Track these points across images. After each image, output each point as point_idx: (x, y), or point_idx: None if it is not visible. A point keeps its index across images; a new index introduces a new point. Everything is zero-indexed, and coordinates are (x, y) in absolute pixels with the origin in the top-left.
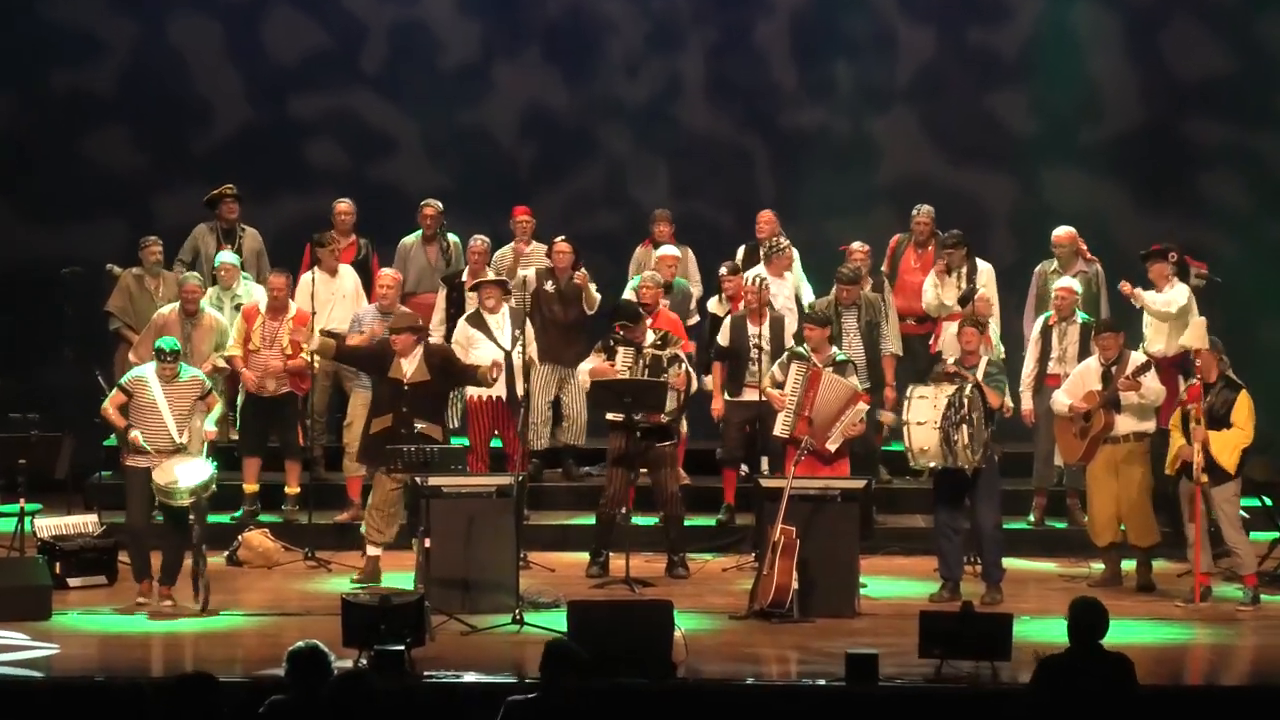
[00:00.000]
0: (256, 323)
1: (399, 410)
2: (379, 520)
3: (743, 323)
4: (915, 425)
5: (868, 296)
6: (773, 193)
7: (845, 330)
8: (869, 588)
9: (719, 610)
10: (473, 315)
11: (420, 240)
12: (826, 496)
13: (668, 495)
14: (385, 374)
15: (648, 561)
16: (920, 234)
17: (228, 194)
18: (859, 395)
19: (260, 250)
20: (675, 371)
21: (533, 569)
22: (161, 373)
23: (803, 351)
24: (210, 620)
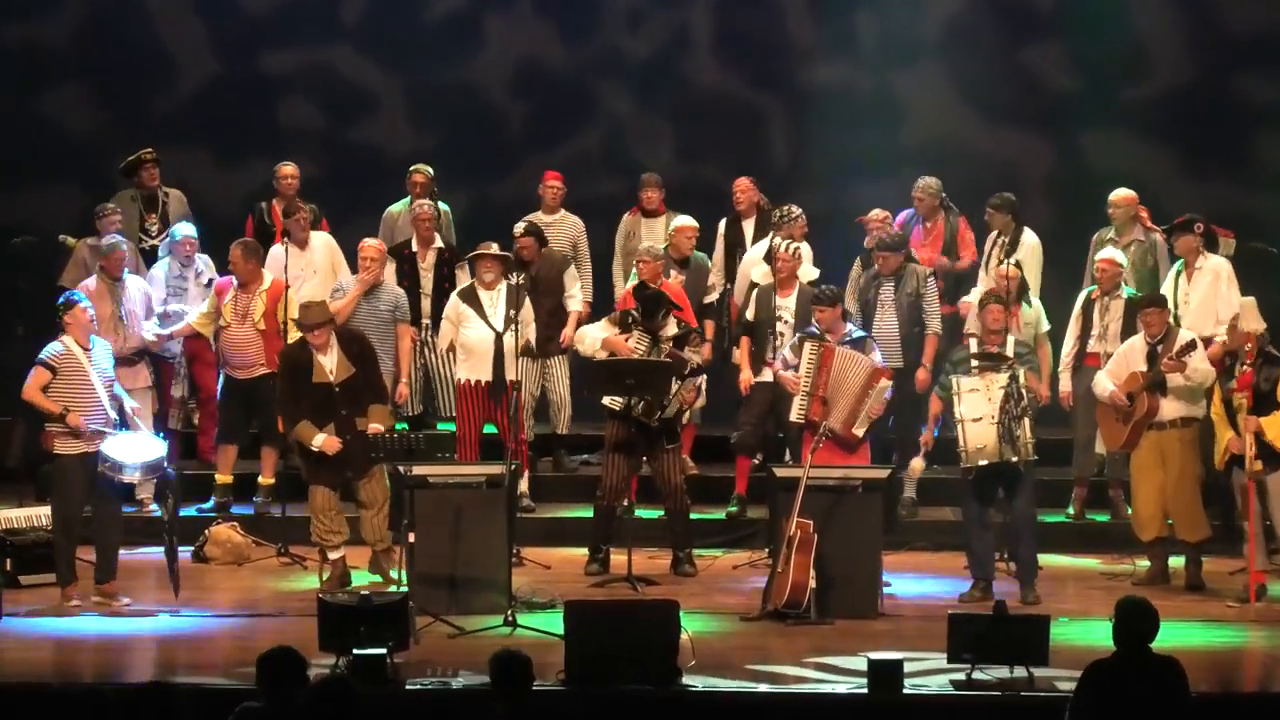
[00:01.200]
0: (228, 296)
1: (337, 416)
2: (328, 522)
3: (770, 293)
4: (970, 422)
5: (914, 268)
6: (788, 156)
7: (881, 303)
8: (893, 586)
9: (729, 611)
10: (467, 289)
11: (409, 209)
12: (846, 487)
13: (671, 486)
14: (306, 383)
15: (651, 558)
16: (923, 209)
17: (146, 159)
18: (880, 372)
19: (186, 214)
20: (690, 385)
21: (526, 566)
22: (83, 327)
23: (815, 330)
24: (174, 621)
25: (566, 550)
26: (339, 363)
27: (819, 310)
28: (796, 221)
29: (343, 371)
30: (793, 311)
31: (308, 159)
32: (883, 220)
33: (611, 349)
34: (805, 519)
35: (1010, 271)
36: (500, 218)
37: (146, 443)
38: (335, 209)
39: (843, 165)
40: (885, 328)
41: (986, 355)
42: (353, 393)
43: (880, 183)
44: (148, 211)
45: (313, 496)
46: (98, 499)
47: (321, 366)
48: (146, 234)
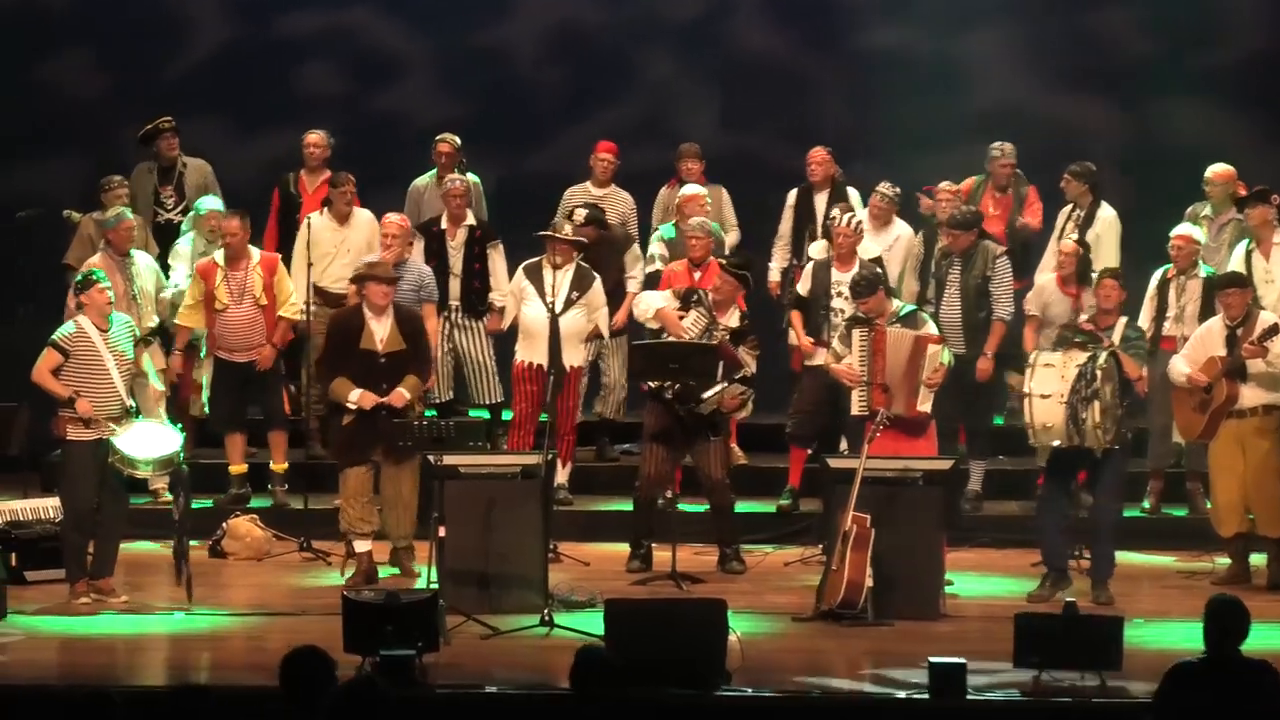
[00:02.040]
0: (218, 278)
1: (378, 388)
2: (359, 509)
3: (827, 269)
4: (1038, 398)
5: (986, 247)
6: (840, 125)
7: (948, 282)
8: (955, 585)
9: (780, 611)
10: (533, 265)
11: (435, 181)
12: (906, 479)
13: (713, 480)
14: (353, 348)
15: (697, 554)
16: (1001, 176)
17: (165, 127)
18: (924, 339)
19: (208, 184)
20: (736, 389)
21: (564, 562)
22: (99, 308)
23: (862, 315)
24: (189, 620)
25: (606, 546)
26: (390, 334)
27: (861, 303)
28: None
29: (392, 343)
30: (848, 286)
31: (328, 128)
32: (954, 194)
33: (663, 322)
34: (862, 513)
35: (1071, 248)
36: (533, 191)
37: (161, 435)
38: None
39: (899, 135)
40: (948, 311)
41: (1080, 332)
42: (398, 367)
43: (939, 154)
44: (163, 183)
45: (345, 480)
46: (107, 490)
47: (372, 334)
48: (161, 207)
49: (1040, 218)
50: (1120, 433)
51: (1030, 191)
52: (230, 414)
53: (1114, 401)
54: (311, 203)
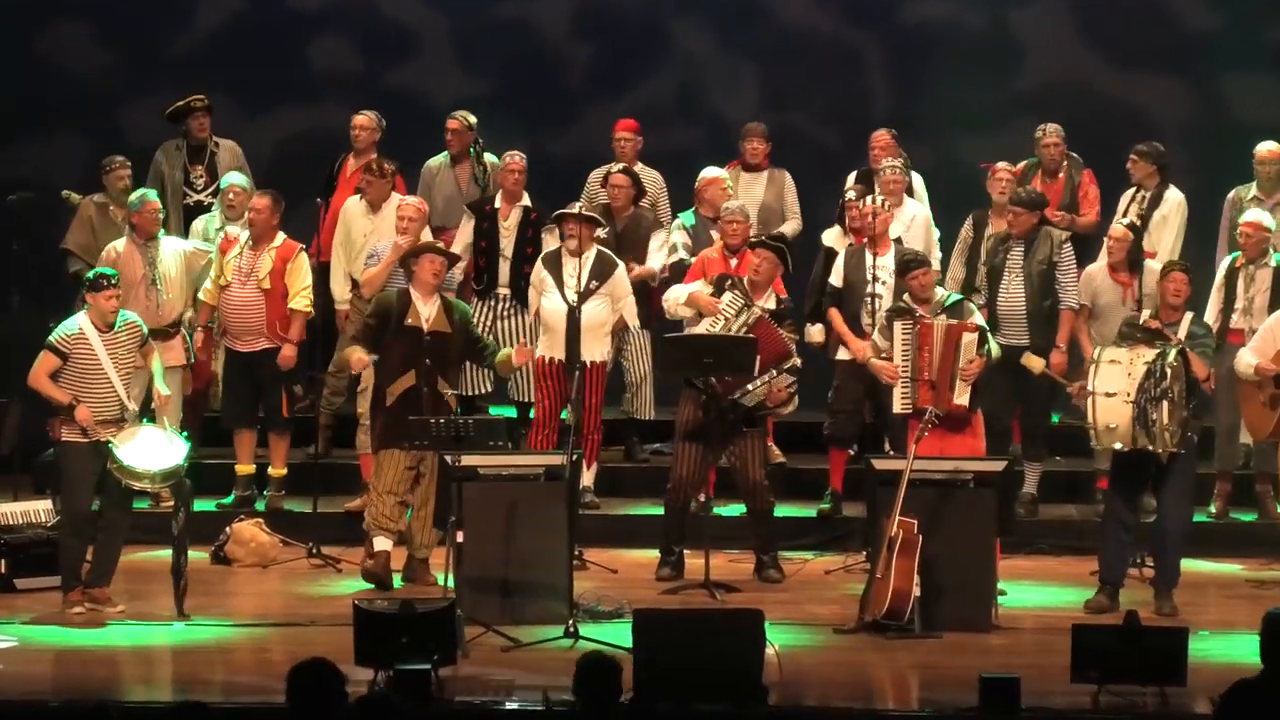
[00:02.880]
0: (232, 252)
1: (420, 365)
2: (389, 507)
3: (860, 255)
4: (1102, 397)
5: (1050, 232)
6: (888, 103)
7: (1009, 269)
8: (1008, 595)
9: (821, 622)
10: (552, 255)
11: (448, 162)
12: (956, 481)
13: (752, 481)
14: (398, 325)
15: (732, 561)
16: (1050, 159)
17: (196, 106)
18: (959, 326)
19: (240, 168)
20: (783, 382)
21: (590, 569)
22: (103, 314)
23: (903, 304)
24: (190, 631)
25: (635, 552)
26: (436, 314)
27: (913, 276)
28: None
29: (438, 324)
30: (891, 271)
31: (342, 106)
32: (1013, 175)
33: (696, 304)
34: (909, 518)
35: (1121, 232)
36: (560, 174)
37: (164, 445)
38: None
39: (950, 114)
40: (1010, 299)
41: (1145, 329)
42: (442, 347)
43: (991, 134)
44: (193, 163)
45: (381, 472)
46: (106, 495)
47: (418, 311)
48: (191, 188)
49: (1097, 210)
50: (1186, 436)
51: (1085, 178)
52: (242, 409)
53: (1181, 402)
54: (345, 188)
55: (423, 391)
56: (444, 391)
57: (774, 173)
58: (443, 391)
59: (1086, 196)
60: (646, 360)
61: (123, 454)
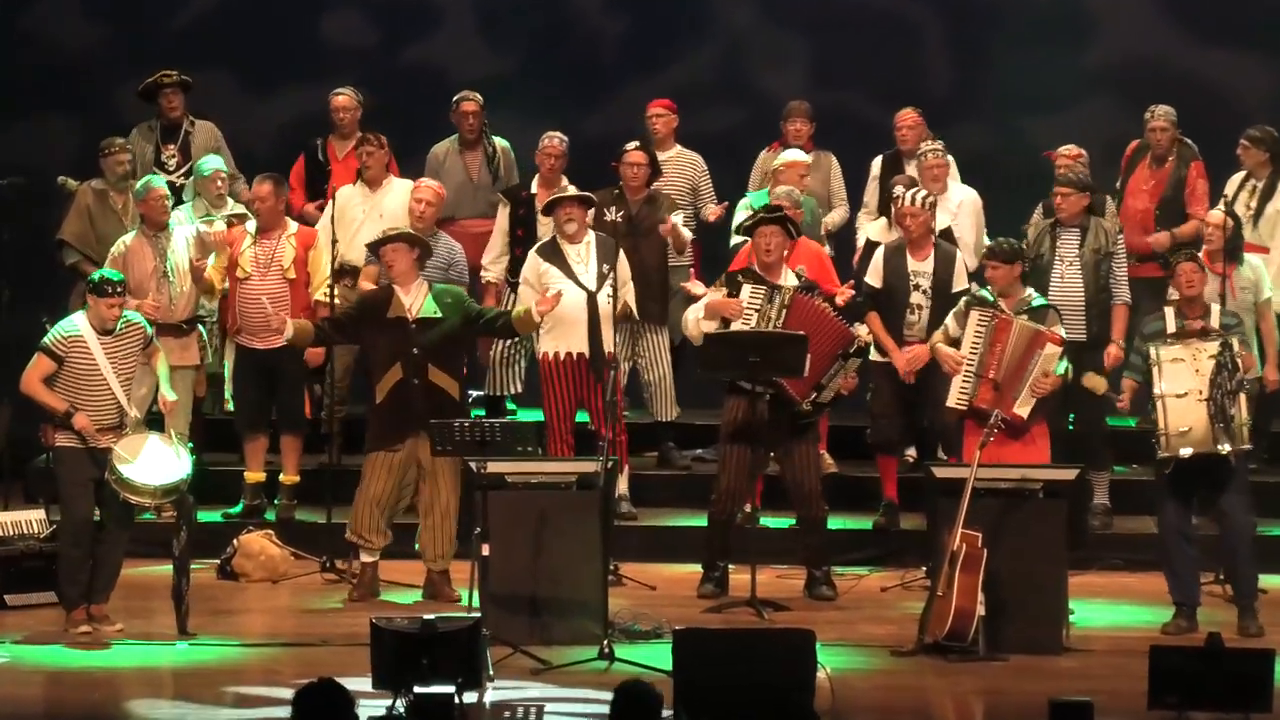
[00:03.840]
0: (245, 243)
1: (406, 355)
2: (373, 519)
3: (900, 255)
4: (1173, 398)
5: (1100, 222)
6: (947, 80)
7: (1061, 258)
8: (1080, 614)
9: (877, 643)
10: (547, 245)
11: (456, 146)
12: (1024, 490)
13: (805, 489)
14: (381, 318)
15: (780, 577)
16: (1158, 144)
17: (166, 82)
18: (1044, 335)
19: (217, 149)
20: (851, 368)
21: (626, 586)
22: (102, 320)
23: (986, 295)
24: (194, 651)
25: (675, 567)
26: (422, 302)
27: (992, 266)
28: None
29: (424, 311)
30: (929, 277)
31: (356, 85)
32: (1075, 158)
33: (717, 313)
34: (972, 530)
35: (1219, 219)
36: (591, 157)
37: (167, 458)
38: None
39: (1014, 92)
40: (1066, 290)
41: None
42: (433, 336)
43: (1058, 115)
44: (165, 142)
45: (369, 480)
46: (107, 507)
47: (401, 302)
48: (163, 168)
49: (1205, 208)
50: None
51: (1193, 171)
52: (256, 412)
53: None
54: (343, 172)
55: (412, 384)
56: (438, 381)
57: (819, 156)
58: (436, 381)
59: (1194, 193)
60: (665, 357)
61: (123, 466)
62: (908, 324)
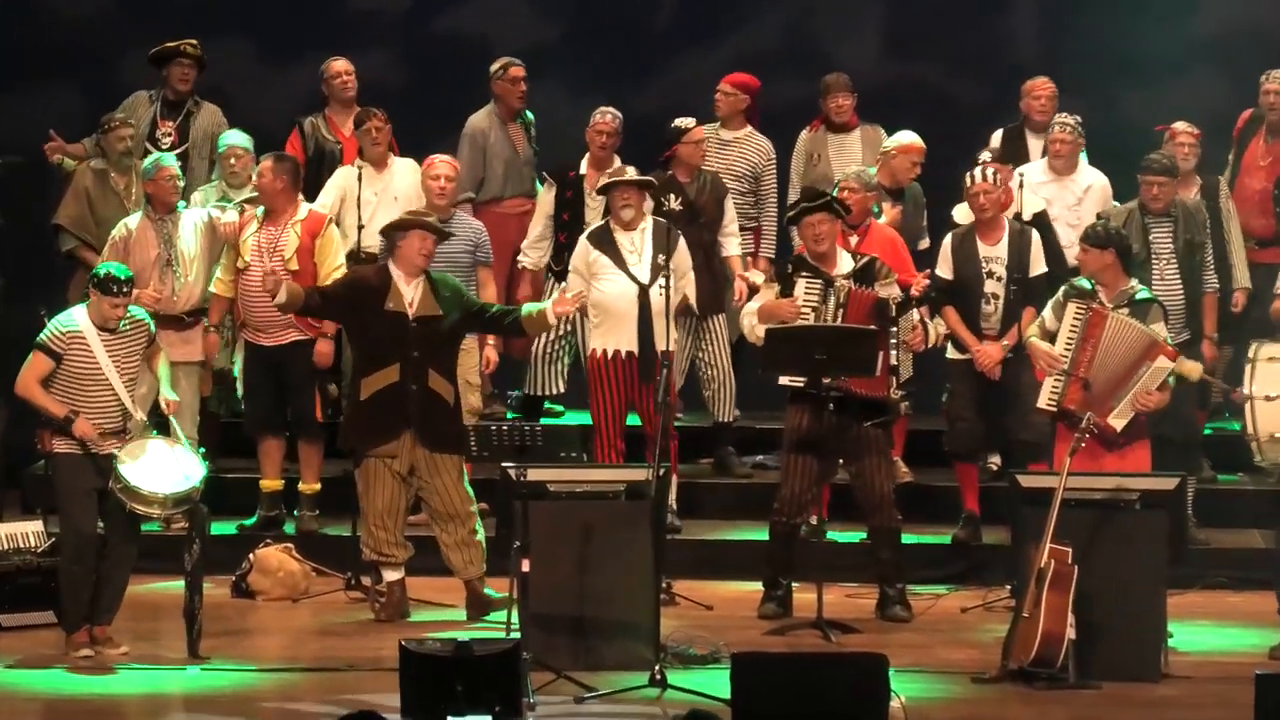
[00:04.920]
0: (249, 230)
1: (407, 357)
2: (390, 531)
3: (970, 240)
4: (1261, 401)
5: (1185, 204)
6: (1036, 49)
7: (1157, 255)
8: (1179, 637)
9: (957, 669)
10: (599, 230)
11: (496, 118)
12: (1119, 502)
13: (878, 497)
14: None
15: (850, 596)
16: (1275, 111)
17: (188, 51)
18: (1158, 347)
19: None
20: (906, 325)
21: (680, 605)
22: (105, 319)
23: (1086, 284)
24: (207, 676)
25: (734, 585)
26: (422, 297)
27: (1084, 251)
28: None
29: (424, 307)
30: (1003, 262)
31: (384, 55)
32: (1196, 138)
33: (773, 317)
34: (1061, 545)
35: None
36: (642, 135)
37: (177, 464)
38: (421, 121)
39: (1107, 63)
40: (1163, 285)
41: None
42: (433, 334)
43: (1159, 88)
44: (164, 117)
45: (368, 493)
46: (112, 520)
47: (400, 294)
48: (156, 145)
49: None
50: None
51: None
52: (268, 413)
53: None
54: (354, 149)
55: (410, 390)
56: (435, 387)
57: (867, 130)
58: (434, 387)
59: None
60: (726, 353)
61: (129, 473)
62: (984, 315)
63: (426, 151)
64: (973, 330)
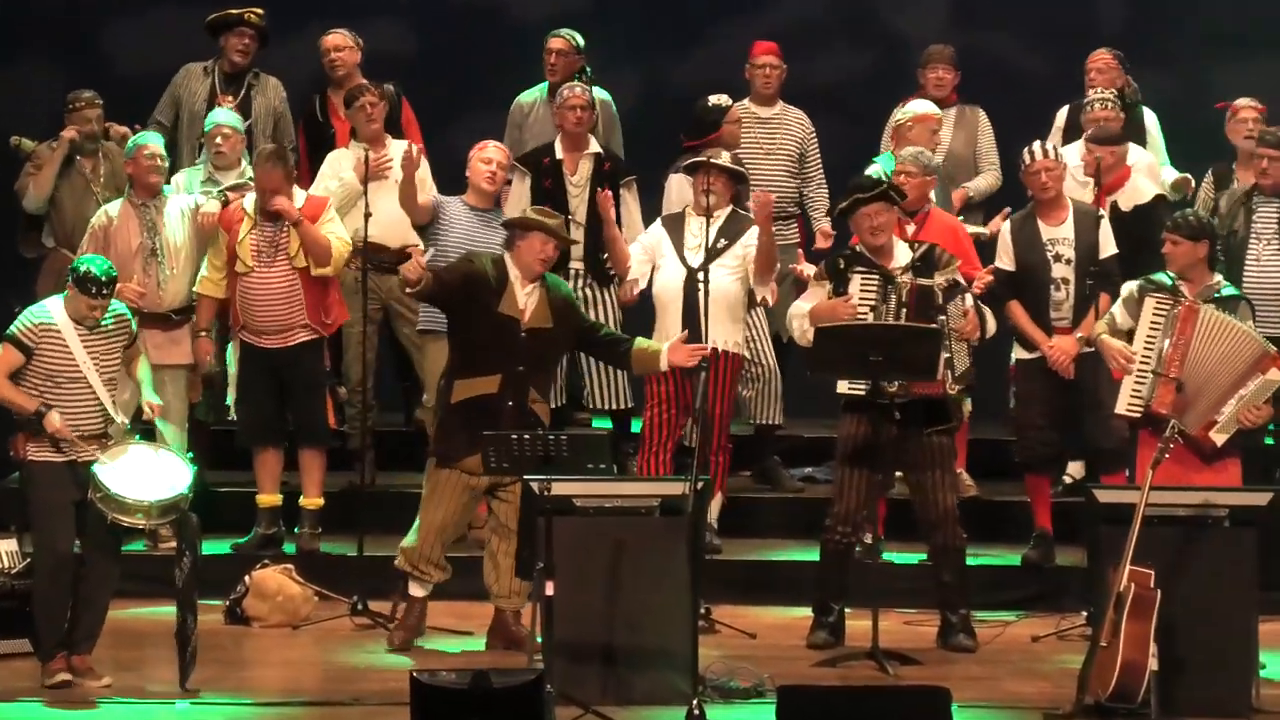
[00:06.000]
0: (244, 229)
1: (511, 371)
2: (433, 549)
3: (1031, 224)
4: None
5: None
6: (1117, 18)
7: (1258, 236)
8: (1272, 668)
9: (1027, 703)
10: (676, 217)
11: (545, 97)
12: (1207, 519)
13: (940, 512)
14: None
15: (908, 623)
16: None
17: (253, 19)
18: (1270, 358)
19: (282, 114)
20: (957, 312)
21: (720, 633)
22: (83, 316)
23: (1164, 277)
24: (199, 711)
25: (779, 610)
26: (538, 305)
27: (1172, 240)
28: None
29: (538, 318)
30: (1071, 243)
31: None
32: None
33: (826, 318)
34: (1143, 567)
35: None
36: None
37: (162, 469)
38: (442, 99)
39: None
40: (1263, 275)
41: None
42: (543, 348)
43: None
44: (225, 91)
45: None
46: (90, 535)
47: (515, 297)
48: None
49: None
50: None
51: None
52: (265, 421)
53: None
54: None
55: (505, 406)
56: (534, 407)
57: (964, 111)
58: (533, 407)
59: None
60: (769, 347)
61: (109, 480)
62: (1054, 304)
63: (450, 127)
64: (1042, 325)
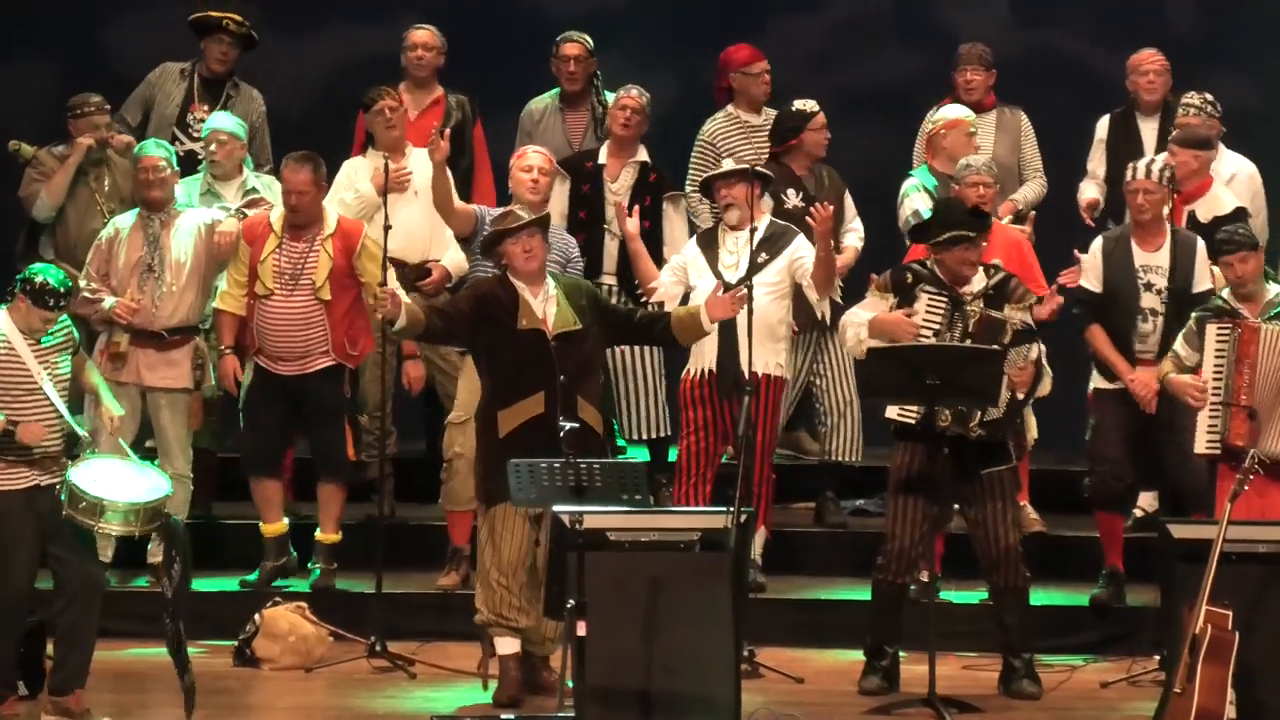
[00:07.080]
0: (268, 246)
1: (553, 385)
2: (515, 593)
3: (1124, 247)
4: None
5: None
6: (1189, 18)
7: None
8: None
9: None
10: (709, 231)
11: (556, 103)
12: None
13: (1001, 549)
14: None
15: (967, 668)
16: None
17: (234, 22)
18: None
19: (259, 125)
20: (1018, 358)
21: (765, 677)
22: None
23: (1221, 302)
24: None
25: (829, 653)
26: (558, 311)
27: (1239, 260)
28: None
29: (563, 321)
30: (1165, 273)
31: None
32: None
33: (888, 333)
34: (1220, 607)
35: None
36: None
37: (135, 475)
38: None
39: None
40: None
41: None
42: (577, 355)
43: None
44: (201, 101)
45: (496, 537)
46: (63, 561)
47: (530, 307)
48: (185, 132)
49: None
50: None
51: None
52: (270, 449)
53: None
54: (417, 135)
55: (558, 422)
56: (585, 417)
57: (1004, 113)
58: (585, 418)
59: None
60: (849, 377)
61: (85, 484)
62: (1140, 335)
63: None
64: (1127, 353)
